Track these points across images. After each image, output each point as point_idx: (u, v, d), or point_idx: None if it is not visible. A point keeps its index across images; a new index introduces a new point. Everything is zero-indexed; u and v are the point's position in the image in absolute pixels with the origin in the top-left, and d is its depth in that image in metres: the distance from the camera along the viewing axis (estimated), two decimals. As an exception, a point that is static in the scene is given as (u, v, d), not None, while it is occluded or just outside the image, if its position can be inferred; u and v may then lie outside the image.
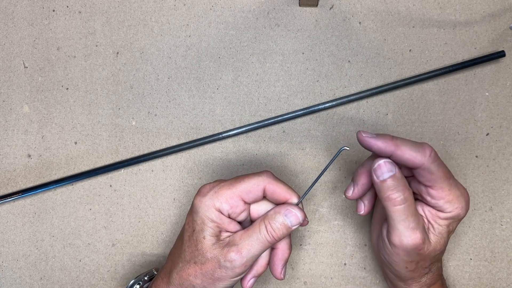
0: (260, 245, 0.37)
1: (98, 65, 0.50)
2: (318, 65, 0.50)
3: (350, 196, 0.41)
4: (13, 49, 0.50)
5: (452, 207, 0.38)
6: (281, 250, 0.40)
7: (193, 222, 0.38)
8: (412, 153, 0.36)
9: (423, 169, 0.37)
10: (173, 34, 0.50)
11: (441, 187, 0.37)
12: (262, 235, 0.37)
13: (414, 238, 0.37)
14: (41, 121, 0.50)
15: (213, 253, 0.37)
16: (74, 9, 0.50)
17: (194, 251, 0.38)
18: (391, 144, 0.37)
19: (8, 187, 0.49)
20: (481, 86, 0.49)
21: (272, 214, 0.38)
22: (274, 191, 0.38)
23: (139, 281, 0.44)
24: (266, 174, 0.39)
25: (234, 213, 0.38)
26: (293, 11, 0.50)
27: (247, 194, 0.38)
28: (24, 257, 0.49)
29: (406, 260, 0.38)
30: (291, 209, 0.38)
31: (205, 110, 0.50)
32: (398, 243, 0.37)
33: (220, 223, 0.38)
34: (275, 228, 0.38)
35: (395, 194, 0.36)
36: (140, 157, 0.49)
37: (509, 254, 0.49)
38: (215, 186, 0.38)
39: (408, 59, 0.49)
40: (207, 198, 0.38)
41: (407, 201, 0.37)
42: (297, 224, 0.38)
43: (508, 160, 0.49)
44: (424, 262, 0.39)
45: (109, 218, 0.49)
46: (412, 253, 0.38)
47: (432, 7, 0.50)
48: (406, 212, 0.37)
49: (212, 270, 0.37)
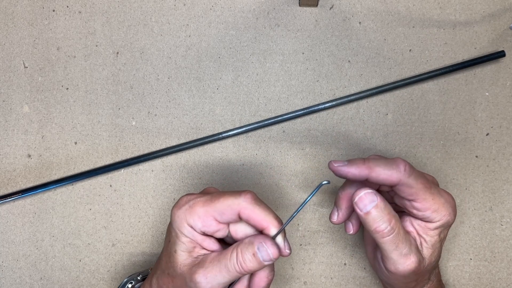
0: (228, 273, 0.34)
1: (98, 65, 0.50)
2: (318, 65, 0.50)
3: (335, 221, 0.39)
4: (13, 49, 0.50)
5: (440, 215, 0.37)
6: (258, 278, 0.37)
7: (169, 233, 0.37)
8: (387, 171, 0.35)
9: (401, 185, 0.36)
10: (173, 34, 0.50)
11: (424, 198, 0.36)
12: (232, 264, 0.34)
13: (409, 263, 0.36)
14: (41, 121, 0.50)
15: (182, 269, 0.35)
16: (74, 9, 0.50)
17: (168, 262, 0.37)
18: (364, 168, 0.35)
19: (8, 187, 0.49)
20: (481, 86, 0.49)
21: (245, 243, 0.35)
22: (249, 217, 0.35)
23: (131, 280, 0.44)
24: (244, 197, 0.35)
25: (208, 230, 0.36)
26: (293, 11, 0.50)
27: (220, 215, 0.35)
28: (24, 257, 0.49)
29: (405, 282, 0.38)
30: (264, 243, 0.34)
31: (205, 110, 0.50)
32: (394, 271, 0.37)
33: (192, 239, 0.35)
34: (246, 259, 0.34)
35: (382, 225, 0.35)
36: (140, 157, 0.49)
37: (509, 254, 0.49)
38: (191, 200, 0.36)
39: (408, 59, 0.49)
40: (181, 212, 0.35)
41: (395, 229, 0.36)
42: (269, 260, 0.34)
43: (508, 160, 0.49)
44: (422, 277, 0.39)
45: (109, 218, 0.49)
46: (410, 275, 0.37)
47: (432, 7, 0.50)
48: (396, 241, 0.36)
49: (181, 286, 0.36)
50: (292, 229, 0.49)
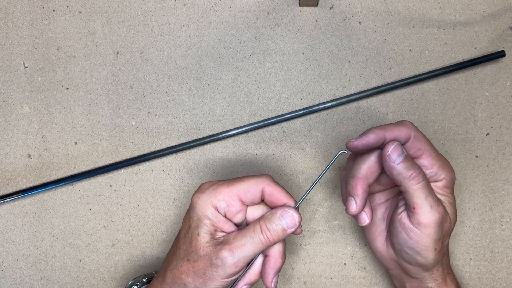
0: (254, 245, 0.37)
1: (98, 65, 0.50)
2: (318, 65, 0.50)
3: (354, 211, 0.39)
4: (13, 49, 0.50)
5: (445, 172, 0.40)
6: (273, 258, 0.39)
7: (189, 219, 0.39)
8: (399, 128, 0.39)
9: (413, 138, 0.39)
10: (173, 34, 0.50)
11: (430, 154, 0.39)
12: (256, 236, 0.37)
13: (441, 210, 0.38)
14: (41, 121, 0.50)
15: (205, 250, 0.37)
16: (74, 9, 0.50)
17: (188, 248, 0.38)
18: (379, 131, 0.38)
19: (8, 187, 0.49)
20: (481, 86, 0.49)
21: (268, 215, 0.38)
22: (272, 194, 0.38)
23: (136, 282, 0.44)
24: (265, 177, 0.39)
25: (230, 212, 0.38)
26: (293, 11, 0.50)
27: (245, 193, 0.38)
28: (24, 257, 0.49)
29: (435, 239, 0.38)
30: (288, 209, 0.38)
31: (205, 110, 0.50)
32: (429, 221, 0.38)
33: (215, 221, 0.38)
34: (270, 228, 0.37)
35: (416, 171, 0.37)
36: (140, 157, 0.49)
37: (509, 254, 0.49)
38: (214, 184, 0.39)
39: (408, 59, 0.49)
40: (205, 195, 0.38)
41: (425, 177, 0.38)
42: (292, 226, 0.37)
43: (508, 160, 0.49)
44: (446, 239, 0.40)
45: (109, 218, 0.49)
46: (440, 229, 0.38)
47: (432, 7, 0.50)
48: (427, 188, 0.38)
49: (204, 268, 0.37)
50: (292, 229, 0.49)
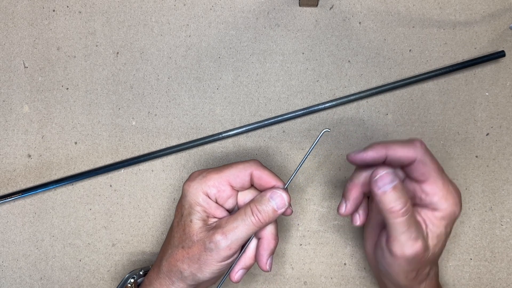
0: (246, 227, 0.38)
1: (98, 65, 0.50)
2: (318, 65, 0.50)
3: (343, 213, 0.40)
4: (13, 49, 0.50)
5: (447, 203, 0.37)
6: (266, 240, 0.40)
7: (181, 207, 0.39)
8: (404, 149, 0.37)
9: (417, 162, 0.37)
10: (173, 34, 0.50)
11: (435, 180, 0.37)
12: (248, 218, 0.38)
13: (416, 247, 0.36)
14: (41, 121, 0.50)
15: (199, 236, 0.38)
16: (74, 9, 0.50)
17: (182, 236, 0.38)
18: (381, 148, 0.37)
19: (8, 187, 0.49)
20: (481, 86, 0.49)
21: (258, 197, 0.39)
22: (260, 177, 0.39)
23: (133, 275, 0.44)
24: (253, 161, 0.40)
25: (221, 197, 0.39)
26: (293, 11, 0.50)
27: (235, 178, 0.39)
28: (24, 257, 0.49)
29: (406, 270, 0.38)
30: (277, 190, 0.38)
31: (205, 110, 0.50)
32: (400, 254, 0.37)
33: (207, 208, 0.38)
34: (261, 210, 0.38)
35: (398, 205, 0.36)
36: (140, 157, 0.49)
37: (509, 254, 0.49)
38: (204, 172, 0.39)
39: (408, 59, 0.49)
40: (196, 182, 0.39)
41: (409, 211, 0.36)
42: (282, 206, 0.38)
43: (508, 160, 0.49)
44: (423, 269, 0.39)
45: (109, 218, 0.49)
46: (413, 262, 0.37)
47: (432, 7, 0.50)
48: (408, 223, 0.36)
49: (198, 253, 0.37)
50: (292, 229, 0.49)
